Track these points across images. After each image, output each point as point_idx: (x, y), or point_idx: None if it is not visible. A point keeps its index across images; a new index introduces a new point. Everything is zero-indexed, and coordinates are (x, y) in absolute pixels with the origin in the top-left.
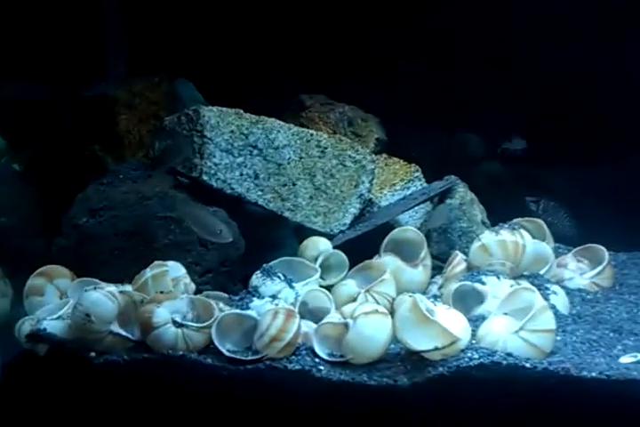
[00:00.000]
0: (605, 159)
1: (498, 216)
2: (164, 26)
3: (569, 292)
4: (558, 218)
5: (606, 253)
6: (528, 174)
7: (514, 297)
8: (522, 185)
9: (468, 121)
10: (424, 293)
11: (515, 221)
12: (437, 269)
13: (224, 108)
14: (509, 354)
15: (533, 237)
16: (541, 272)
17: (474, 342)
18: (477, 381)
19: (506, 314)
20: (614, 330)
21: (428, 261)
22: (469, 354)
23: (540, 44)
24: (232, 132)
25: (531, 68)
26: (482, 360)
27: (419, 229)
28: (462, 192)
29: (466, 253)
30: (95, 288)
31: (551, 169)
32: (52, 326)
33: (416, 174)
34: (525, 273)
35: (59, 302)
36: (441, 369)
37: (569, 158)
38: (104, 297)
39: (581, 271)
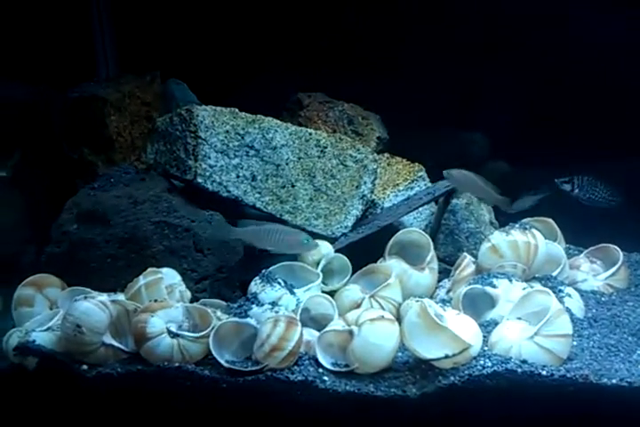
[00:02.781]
0: (615, 156)
1: (509, 216)
2: (156, 23)
3: (583, 294)
4: (598, 192)
5: (621, 254)
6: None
7: (527, 300)
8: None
9: (474, 119)
10: (431, 297)
11: (525, 220)
12: (445, 273)
13: (218, 108)
14: (524, 361)
15: (545, 238)
16: (554, 274)
17: (486, 348)
18: (491, 390)
19: (519, 318)
20: (633, 334)
21: (435, 264)
22: (482, 362)
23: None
24: (227, 132)
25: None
26: (495, 368)
27: (424, 230)
28: None
29: (474, 255)
30: (86, 298)
31: (559, 166)
32: (42, 337)
33: (420, 174)
34: (537, 275)
35: (48, 312)
36: (452, 378)
37: (577, 154)
38: (95, 307)
39: (595, 273)
